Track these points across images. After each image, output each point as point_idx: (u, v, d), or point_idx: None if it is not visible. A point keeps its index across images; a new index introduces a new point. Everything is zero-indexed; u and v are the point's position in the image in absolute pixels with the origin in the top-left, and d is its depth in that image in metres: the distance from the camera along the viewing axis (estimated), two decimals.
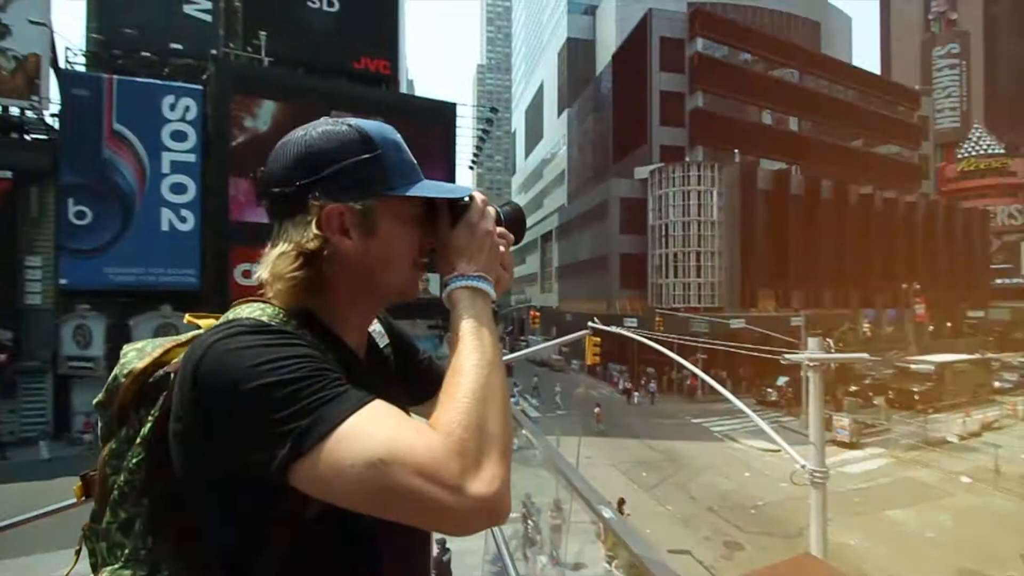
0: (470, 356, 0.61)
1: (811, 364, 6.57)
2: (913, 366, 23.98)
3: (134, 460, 0.63)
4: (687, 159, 32.11)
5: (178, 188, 17.40)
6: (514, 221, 0.80)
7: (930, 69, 72.69)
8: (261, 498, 0.56)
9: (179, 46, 18.22)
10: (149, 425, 0.64)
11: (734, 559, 11.23)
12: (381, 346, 0.87)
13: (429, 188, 0.70)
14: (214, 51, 18.04)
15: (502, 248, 0.75)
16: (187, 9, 18.54)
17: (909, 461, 16.90)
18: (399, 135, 0.72)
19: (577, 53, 57.28)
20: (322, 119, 0.71)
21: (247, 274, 18.16)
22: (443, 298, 0.71)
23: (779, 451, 17.41)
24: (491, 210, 0.76)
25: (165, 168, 17.26)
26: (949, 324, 40.31)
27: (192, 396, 0.55)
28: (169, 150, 17.26)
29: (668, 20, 34.90)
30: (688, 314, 27.12)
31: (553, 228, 45.40)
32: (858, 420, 19.35)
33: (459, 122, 21.89)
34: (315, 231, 0.64)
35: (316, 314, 0.68)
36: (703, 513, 13.43)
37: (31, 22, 16.68)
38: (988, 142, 57.58)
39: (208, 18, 18.74)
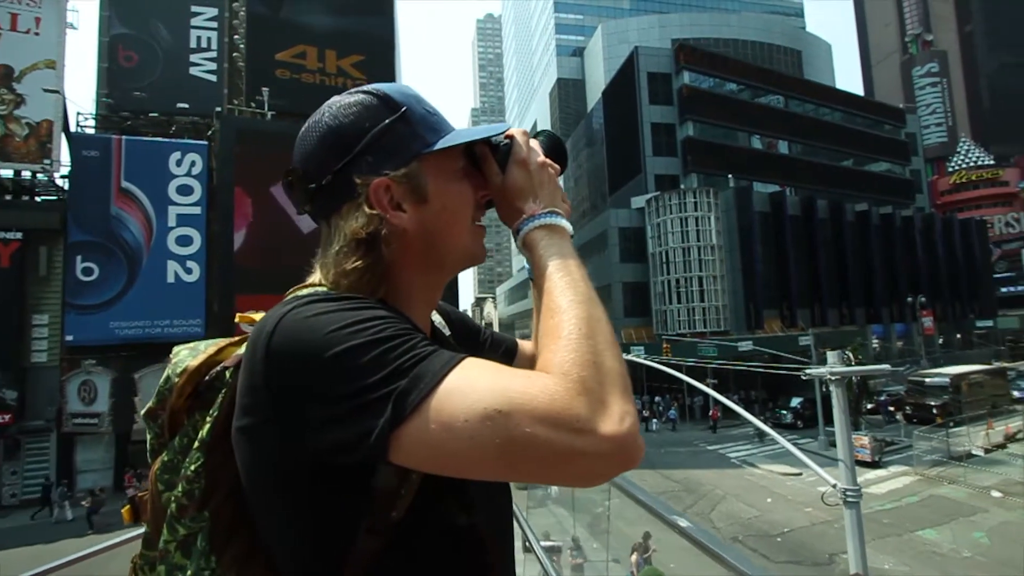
0: (565, 293, 0.56)
1: (833, 378, 6.47)
2: (927, 380, 23.55)
3: (192, 467, 0.57)
4: (682, 186, 32.63)
5: (184, 240, 17.71)
6: (554, 149, 0.73)
7: (912, 88, 74.75)
8: (345, 496, 0.51)
9: (185, 105, 18.95)
10: (207, 427, 0.57)
11: None
12: (447, 334, 0.82)
13: (466, 134, 0.65)
14: (219, 108, 18.75)
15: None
16: (193, 71, 19.38)
17: (935, 478, 16.37)
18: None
19: (568, 92, 59.26)
20: (330, 99, 0.65)
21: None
22: (517, 245, 0.67)
23: (800, 474, 17.00)
24: (535, 142, 0.71)
25: (171, 221, 17.64)
26: (958, 336, 39.87)
27: (264, 377, 0.49)
28: (176, 204, 17.68)
29: (654, 56, 36.24)
30: (695, 339, 26.93)
31: None
32: (877, 438, 18.87)
33: None
34: (367, 211, 0.60)
35: (385, 301, 0.62)
36: (728, 543, 12.93)
37: (45, 90, 17.41)
38: (977, 154, 58.61)
39: (213, 78, 19.56)
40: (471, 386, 0.46)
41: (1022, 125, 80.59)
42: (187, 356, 0.64)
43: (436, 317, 0.81)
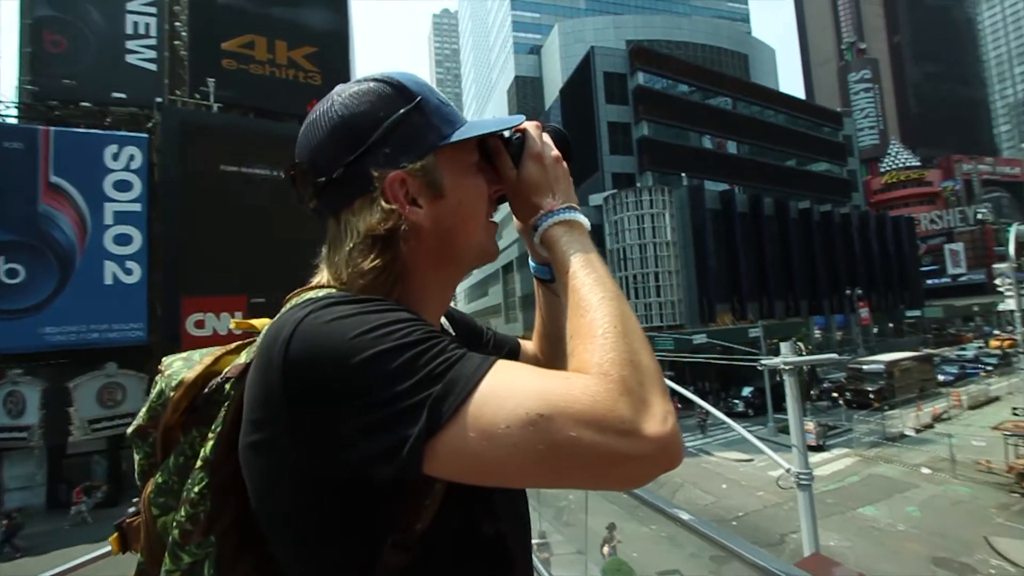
0: (594, 290, 0.53)
1: (786, 367, 6.78)
2: (865, 367, 25.16)
3: (196, 489, 0.52)
4: (638, 184, 33.43)
5: (123, 239, 16.61)
6: (561, 143, 0.71)
7: (848, 93, 79.44)
8: (370, 511, 0.48)
9: (122, 95, 17.74)
10: (211, 444, 0.53)
11: (722, 573, 11.20)
12: (452, 335, 0.79)
13: (482, 126, 0.63)
14: (159, 99, 17.69)
15: None
16: (130, 59, 18.14)
17: (872, 458, 17.52)
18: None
19: (526, 90, 59.49)
20: (337, 87, 0.61)
21: (200, 324, 17.15)
22: (536, 242, 0.64)
23: (752, 460, 17.80)
24: (547, 136, 0.69)
25: (108, 219, 16.49)
26: (891, 325, 42.81)
27: (282, 388, 0.45)
28: (113, 200, 16.54)
29: (610, 57, 36.91)
30: (652, 333, 27.68)
31: (514, 258, 45.88)
32: (821, 423, 20.01)
33: None
34: (385, 206, 0.56)
35: (399, 302, 0.59)
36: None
37: None
38: (905, 156, 63.02)
39: (153, 67, 18.39)
40: (509, 390, 0.43)
41: (944, 130, 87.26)
42: (182, 367, 0.59)
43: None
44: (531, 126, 0.68)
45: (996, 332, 41.11)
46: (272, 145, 17.98)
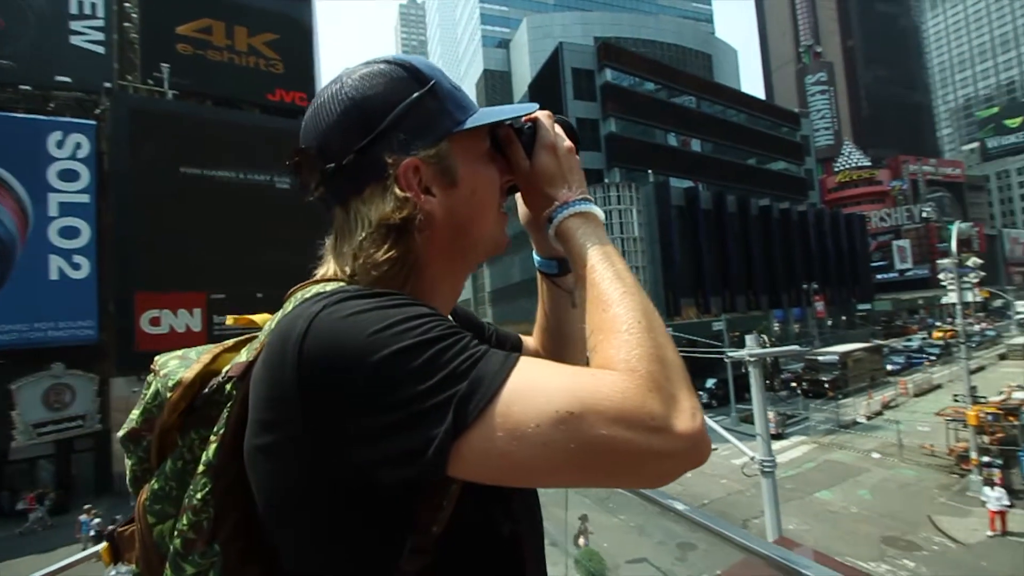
0: (615, 284, 0.52)
1: (751, 359, 7.02)
2: (820, 358, 26.32)
3: (199, 495, 0.49)
4: (606, 180, 33.82)
5: (69, 232, 15.68)
6: (570, 135, 0.69)
7: (805, 94, 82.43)
8: (388, 514, 0.45)
9: (66, 79, 16.68)
10: (214, 447, 0.50)
11: (688, 559, 11.52)
12: None
13: (496, 113, 0.61)
14: (108, 84, 16.72)
15: None
16: (75, 40, 17.05)
17: (828, 444, 18.37)
18: None
19: (495, 84, 59.18)
20: (345, 69, 0.58)
21: (155, 321, 16.46)
22: (549, 235, 0.62)
23: (716, 449, 18.37)
24: (559, 127, 0.68)
25: (53, 211, 15.53)
26: (844, 318, 44.88)
27: (296, 387, 0.42)
28: (57, 191, 15.58)
29: (578, 53, 37.09)
30: None
31: None
32: (780, 412, 20.83)
33: None
34: (399, 194, 0.53)
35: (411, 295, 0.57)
36: (654, 518, 13.65)
37: None
38: (857, 156, 65.96)
39: (101, 49, 17.36)
40: (537, 387, 0.42)
41: (892, 131, 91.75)
42: (178, 367, 0.56)
43: None
44: (543, 116, 0.67)
45: (938, 324, 43.71)
46: (232, 134, 17.31)
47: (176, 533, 0.50)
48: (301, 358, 0.43)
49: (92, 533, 11.31)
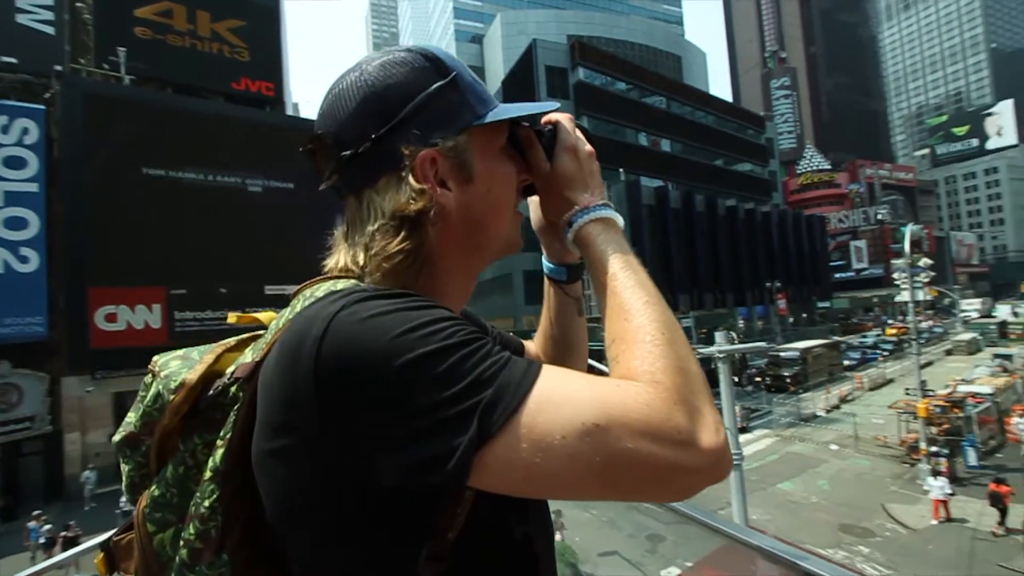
0: (637, 294, 0.51)
1: (721, 355, 7.20)
2: (783, 354, 27.25)
3: (206, 503, 0.47)
4: None
5: (16, 223, 14.78)
6: (587, 137, 0.69)
7: (770, 98, 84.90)
8: (405, 522, 0.44)
9: (12, 60, 15.71)
10: (221, 452, 0.48)
11: (658, 551, 11.78)
12: None
13: (516, 109, 0.60)
14: (59, 67, 15.83)
15: None
16: (21, 19, 16.06)
17: (789, 437, 19.06)
18: None
19: None
20: (365, 56, 0.57)
21: (111, 317, 15.77)
22: (568, 239, 0.62)
23: None
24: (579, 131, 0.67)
25: None
26: (804, 315, 46.60)
27: (313, 391, 0.41)
28: (3, 179, 14.68)
29: (552, 51, 37.20)
30: (590, 323, 28.42)
31: None
32: (745, 406, 21.48)
33: None
34: (415, 185, 0.52)
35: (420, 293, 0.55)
36: (624, 512, 13.92)
37: None
38: (818, 160, 68.43)
39: (51, 30, 16.41)
40: (562, 397, 0.41)
41: (851, 136, 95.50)
42: (180, 367, 0.54)
43: None
44: (564, 118, 0.66)
45: (891, 321, 45.84)
46: (194, 123, 16.65)
47: (182, 543, 0.48)
48: (319, 360, 0.41)
49: (42, 540, 10.73)
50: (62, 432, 14.56)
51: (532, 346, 0.87)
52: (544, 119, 0.66)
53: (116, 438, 0.55)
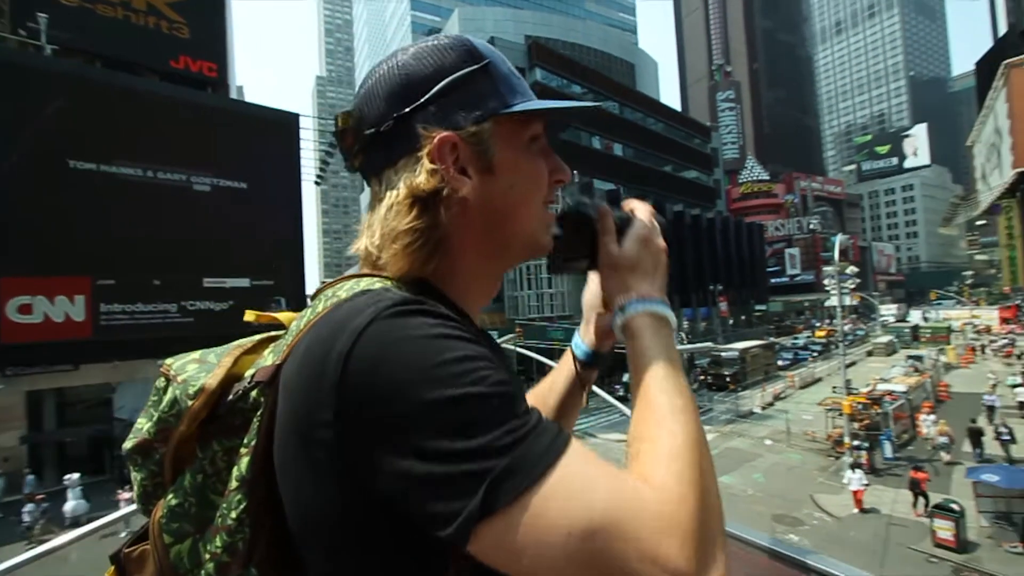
0: (674, 400, 0.49)
1: None
2: (723, 354, 28.57)
3: (233, 514, 0.45)
4: None
5: None
6: (664, 232, 0.68)
7: (716, 109, 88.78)
8: (424, 543, 0.41)
9: None
10: (246, 460, 0.45)
11: None
12: None
13: (549, 103, 0.58)
14: None
15: None
16: None
17: (728, 433, 20.00)
18: None
19: None
20: (411, 42, 0.57)
21: (26, 309, 14.44)
22: (616, 324, 0.60)
23: None
24: (657, 224, 0.67)
25: None
26: (743, 317, 49.14)
27: (334, 408, 0.39)
28: None
29: (510, 50, 37.15)
30: (544, 323, 28.74)
31: None
32: None
33: (301, 135, 20.34)
34: (429, 165, 0.51)
35: (434, 285, 0.53)
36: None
37: None
38: (758, 170, 72.31)
39: None
40: (578, 488, 0.38)
41: (788, 150, 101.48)
42: (198, 371, 0.52)
43: None
44: (642, 208, 0.67)
45: (819, 324, 49.13)
46: (126, 102, 15.45)
47: (208, 556, 0.47)
48: (344, 377, 0.40)
49: None
50: None
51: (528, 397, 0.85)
52: (626, 206, 0.67)
53: (127, 445, 0.53)
